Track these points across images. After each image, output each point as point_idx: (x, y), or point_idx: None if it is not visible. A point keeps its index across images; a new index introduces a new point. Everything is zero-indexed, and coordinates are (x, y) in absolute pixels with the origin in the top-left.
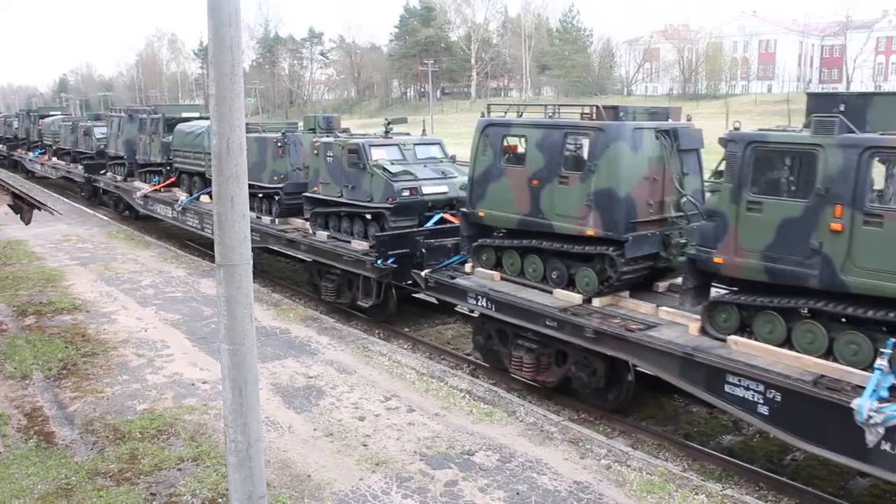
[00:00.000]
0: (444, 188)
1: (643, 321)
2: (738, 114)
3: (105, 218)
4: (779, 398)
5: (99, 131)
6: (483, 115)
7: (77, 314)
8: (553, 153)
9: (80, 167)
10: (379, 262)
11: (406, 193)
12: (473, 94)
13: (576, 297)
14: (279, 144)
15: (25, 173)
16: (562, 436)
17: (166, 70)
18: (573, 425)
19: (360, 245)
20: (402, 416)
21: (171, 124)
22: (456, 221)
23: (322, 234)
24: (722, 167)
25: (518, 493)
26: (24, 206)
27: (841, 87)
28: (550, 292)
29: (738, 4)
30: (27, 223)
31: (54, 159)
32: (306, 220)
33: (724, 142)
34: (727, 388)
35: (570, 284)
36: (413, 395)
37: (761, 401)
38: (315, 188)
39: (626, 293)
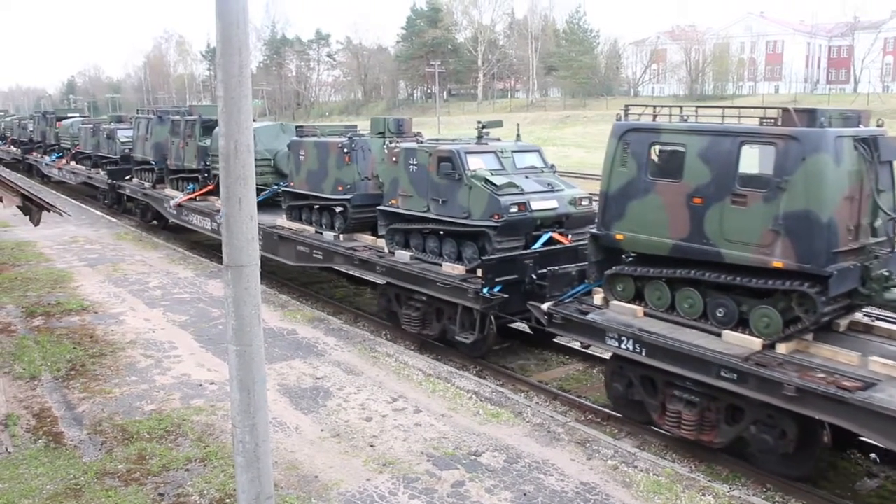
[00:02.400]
0: (553, 203)
1: (855, 376)
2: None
3: (113, 219)
4: None
5: (123, 134)
6: (619, 118)
7: (85, 315)
8: (723, 166)
9: (102, 172)
10: (485, 290)
11: (514, 209)
12: (480, 96)
13: (754, 342)
14: (345, 151)
15: (41, 178)
16: (569, 437)
17: (174, 72)
18: (580, 426)
19: (454, 269)
20: (408, 417)
21: (207, 126)
22: (566, 242)
23: (404, 255)
24: None
25: (525, 494)
26: (33, 208)
27: (848, 89)
28: (718, 334)
29: (745, 5)
30: (36, 224)
31: (73, 163)
32: (378, 236)
33: None
34: None
35: (738, 324)
36: (420, 395)
37: None
38: (392, 201)
39: (810, 335)
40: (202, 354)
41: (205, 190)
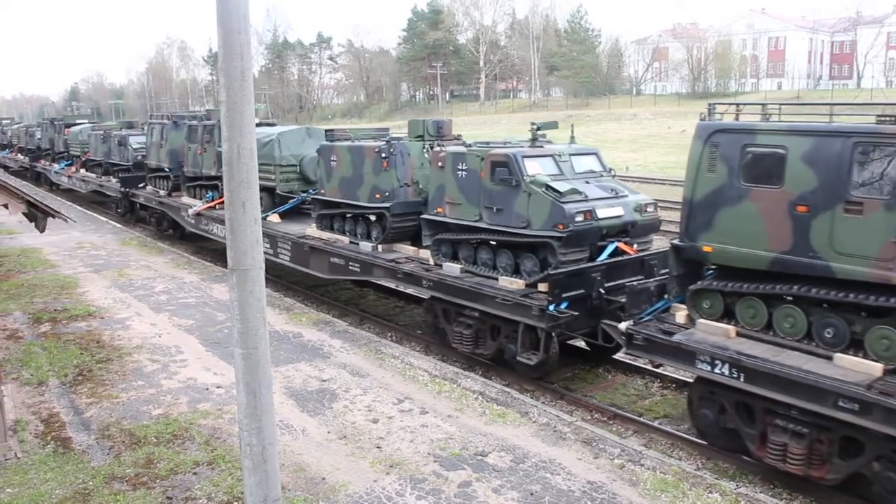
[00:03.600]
0: (618, 210)
1: None
2: None
3: (118, 225)
4: None
5: (135, 140)
6: (703, 118)
7: (91, 321)
8: (834, 170)
9: (114, 180)
10: (551, 307)
11: (580, 218)
12: (482, 97)
13: (873, 367)
14: (383, 155)
15: (49, 186)
16: (575, 436)
17: (176, 77)
18: (586, 425)
19: (512, 283)
20: (415, 418)
21: None
22: (632, 252)
23: (453, 268)
24: None
25: (532, 494)
26: (38, 214)
27: (851, 84)
28: (827, 357)
29: (747, 2)
30: (42, 231)
31: (83, 171)
32: (421, 247)
33: None
34: None
35: (849, 346)
36: (426, 396)
37: None
38: (438, 209)
39: None
40: (208, 358)
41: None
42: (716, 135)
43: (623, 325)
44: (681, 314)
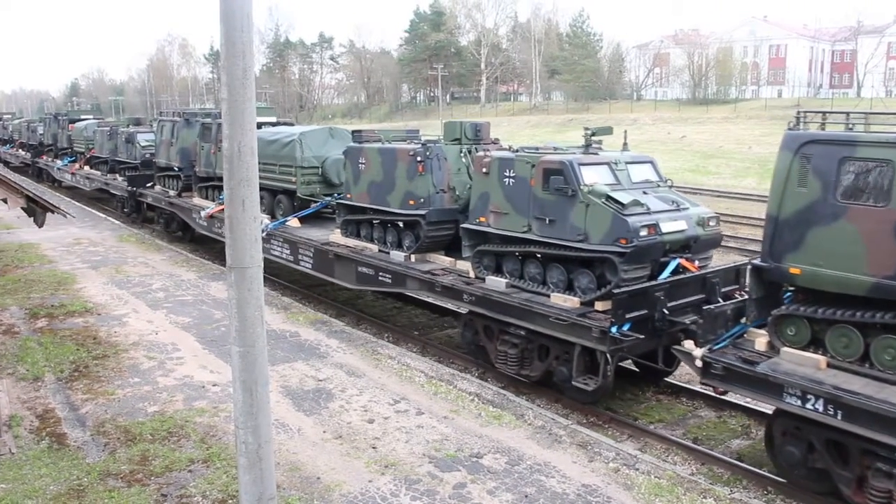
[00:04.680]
0: (681, 224)
1: None
2: (748, 119)
3: (116, 222)
4: None
5: (143, 138)
6: (791, 128)
7: (88, 317)
8: None
9: (120, 179)
10: (614, 329)
11: (644, 233)
12: (483, 99)
13: None
14: (419, 159)
15: (52, 183)
16: (570, 439)
17: (177, 74)
18: (582, 429)
19: (566, 300)
20: (410, 419)
21: None
22: (694, 269)
23: (497, 282)
24: None
25: (526, 496)
26: (37, 209)
27: (851, 93)
28: None
29: (749, 9)
30: (40, 226)
31: (87, 168)
32: (459, 258)
33: None
34: None
35: None
36: (422, 398)
37: None
38: (481, 218)
39: None
40: (205, 356)
41: None
42: (808, 146)
43: (699, 353)
44: (760, 341)
